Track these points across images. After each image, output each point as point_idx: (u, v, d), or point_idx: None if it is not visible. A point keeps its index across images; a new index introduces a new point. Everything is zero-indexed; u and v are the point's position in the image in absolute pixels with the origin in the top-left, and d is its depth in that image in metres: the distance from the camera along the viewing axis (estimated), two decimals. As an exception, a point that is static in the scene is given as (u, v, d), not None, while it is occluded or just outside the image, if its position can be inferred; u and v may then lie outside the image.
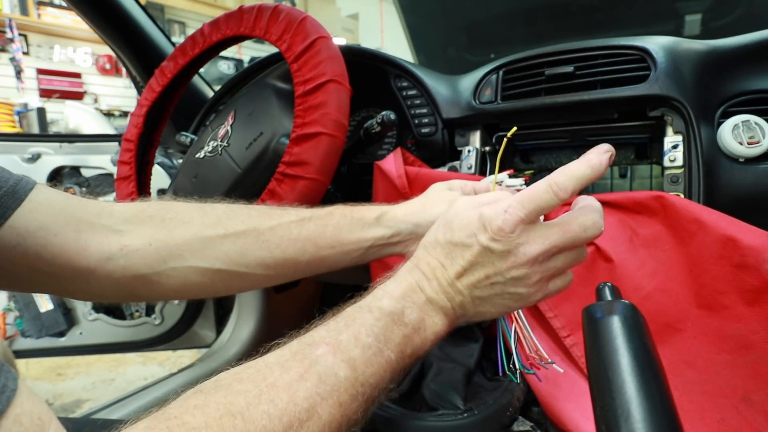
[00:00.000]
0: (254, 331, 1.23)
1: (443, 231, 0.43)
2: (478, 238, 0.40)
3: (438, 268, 0.42)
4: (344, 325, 0.37)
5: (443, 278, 0.41)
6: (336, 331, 0.37)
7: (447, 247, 0.42)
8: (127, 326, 1.27)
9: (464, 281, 0.41)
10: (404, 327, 0.39)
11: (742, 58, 0.67)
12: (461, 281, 0.41)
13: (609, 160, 0.40)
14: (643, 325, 0.35)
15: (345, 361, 0.35)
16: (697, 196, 0.61)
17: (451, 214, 0.43)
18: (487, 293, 0.42)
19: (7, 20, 3.52)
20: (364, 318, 0.38)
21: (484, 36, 1.70)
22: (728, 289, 0.48)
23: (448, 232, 0.42)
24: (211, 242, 0.51)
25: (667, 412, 0.30)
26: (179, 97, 0.93)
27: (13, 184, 0.44)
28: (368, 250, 0.55)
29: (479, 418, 0.55)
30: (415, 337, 0.39)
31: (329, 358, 0.35)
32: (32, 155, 1.20)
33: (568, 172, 0.40)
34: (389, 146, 0.92)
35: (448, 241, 0.42)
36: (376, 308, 0.39)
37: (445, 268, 0.41)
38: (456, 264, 0.41)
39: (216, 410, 0.31)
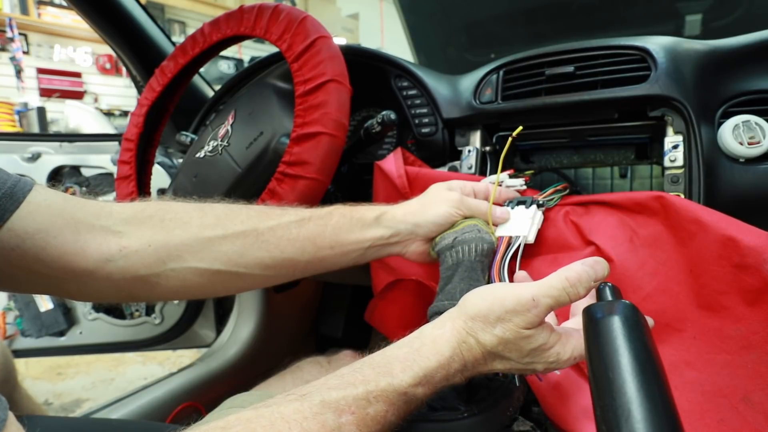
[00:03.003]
0: (254, 330, 1.23)
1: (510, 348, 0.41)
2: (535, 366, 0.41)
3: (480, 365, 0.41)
4: (374, 399, 0.36)
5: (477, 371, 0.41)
6: (365, 401, 0.35)
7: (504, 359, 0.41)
8: (127, 326, 1.27)
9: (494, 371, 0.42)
10: (421, 405, 0.40)
11: (743, 58, 0.67)
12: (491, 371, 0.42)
13: None
14: (643, 325, 0.35)
15: None
16: (697, 196, 0.61)
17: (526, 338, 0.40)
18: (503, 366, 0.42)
19: (7, 20, 3.52)
20: (397, 400, 0.37)
21: (484, 36, 1.70)
22: (728, 289, 0.48)
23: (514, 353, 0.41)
24: (210, 243, 0.50)
25: (668, 412, 0.30)
26: (179, 96, 0.93)
27: (11, 185, 0.43)
28: (367, 250, 0.55)
29: (479, 418, 0.55)
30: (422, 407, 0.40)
31: (353, 429, 0.34)
32: (32, 155, 1.20)
33: None
34: (389, 146, 0.92)
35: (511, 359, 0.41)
36: (412, 395, 0.38)
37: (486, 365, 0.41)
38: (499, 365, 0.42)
39: None
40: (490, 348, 0.40)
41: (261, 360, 1.23)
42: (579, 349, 0.42)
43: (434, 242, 0.56)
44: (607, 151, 0.77)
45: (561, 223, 0.61)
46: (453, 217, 0.56)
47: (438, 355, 0.39)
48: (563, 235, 0.60)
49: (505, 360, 0.41)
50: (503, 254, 0.54)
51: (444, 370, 0.39)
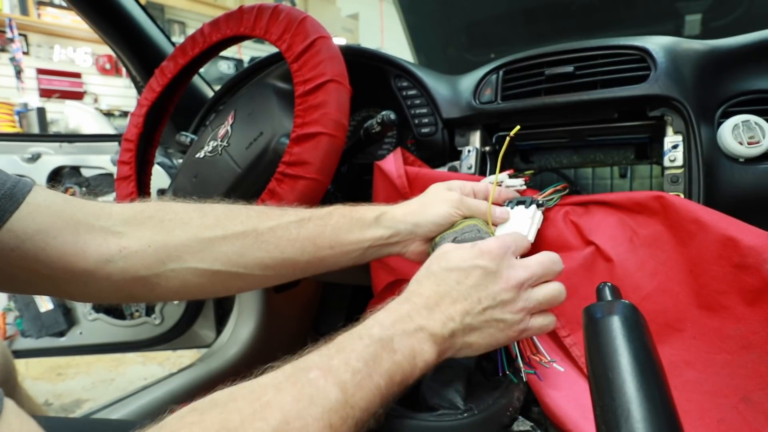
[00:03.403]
0: (254, 331, 1.23)
1: (437, 261, 0.46)
2: (474, 261, 0.44)
3: (431, 297, 0.43)
4: (336, 351, 0.39)
5: (436, 306, 0.43)
6: (328, 356, 0.38)
7: (441, 274, 0.45)
8: (127, 326, 1.27)
9: (457, 307, 0.43)
10: (393, 354, 0.40)
11: (742, 58, 0.67)
12: (454, 307, 0.43)
13: None
14: (643, 325, 0.35)
15: (336, 384, 0.36)
16: (697, 196, 0.61)
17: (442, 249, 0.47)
18: (477, 320, 0.44)
19: (7, 20, 3.52)
20: (355, 344, 0.39)
21: (484, 36, 1.70)
22: (728, 289, 0.48)
23: (442, 262, 0.45)
24: (210, 243, 0.50)
25: (667, 412, 0.30)
26: (179, 97, 0.93)
27: (10, 186, 0.43)
28: (367, 250, 0.55)
29: (479, 418, 0.55)
30: (405, 365, 0.40)
31: (321, 381, 0.36)
32: (32, 155, 1.20)
33: None
34: (389, 146, 0.92)
35: (443, 268, 0.45)
36: (366, 335, 0.40)
37: (439, 296, 0.44)
38: (451, 291, 0.44)
39: (212, 426, 0.32)
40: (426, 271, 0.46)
41: (261, 360, 1.22)
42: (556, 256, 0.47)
43: (434, 242, 0.56)
44: (606, 151, 0.78)
45: (561, 223, 0.61)
46: (453, 217, 0.56)
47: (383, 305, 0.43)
48: (563, 235, 0.60)
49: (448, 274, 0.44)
50: None
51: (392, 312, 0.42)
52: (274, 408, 0.34)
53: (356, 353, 0.38)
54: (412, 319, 0.42)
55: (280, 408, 0.34)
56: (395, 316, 0.42)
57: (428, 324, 0.42)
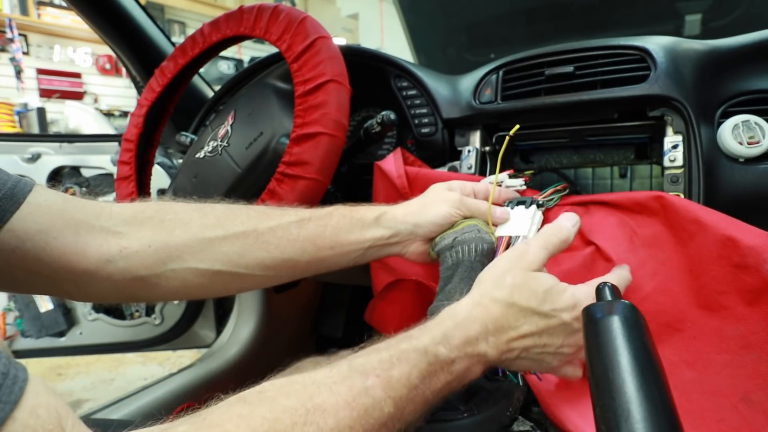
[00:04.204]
0: (254, 331, 1.23)
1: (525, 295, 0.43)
2: (562, 316, 0.44)
3: (504, 328, 0.43)
4: (397, 360, 0.38)
5: (505, 337, 0.43)
6: (389, 363, 0.37)
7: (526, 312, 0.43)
8: (127, 326, 1.27)
9: (523, 343, 0.43)
10: (449, 375, 0.40)
11: (742, 58, 0.67)
12: (521, 342, 0.43)
13: None
14: (643, 325, 0.35)
15: (392, 398, 0.36)
16: (697, 196, 0.61)
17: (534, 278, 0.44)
18: (533, 356, 0.45)
19: (7, 20, 3.52)
20: (418, 359, 0.38)
21: (484, 36, 1.70)
22: (728, 289, 0.48)
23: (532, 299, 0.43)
24: (210, 243, 0.50)
25: (667, 412, 0.30)
26: (179, 97, 0.93)
27: (11, 186, 0.43)
28: (367, 250, 0.55)
29: (479, 418, 0.55)
30: (455, 384, 0.41)
31: (378, 392, 0.35)
32: (32, 155, 1.20)
33: None
34: (389, 146, 0.92)
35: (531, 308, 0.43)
36: (432, 354, 0.39)
37: (512, 328, 0.43)
38: (525, 328, 0.43)
39: (261, 424, 0.31)
40: (505, 299, 0.43)
41: (261, 360, 1.23)
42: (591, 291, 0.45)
43: (434, 242, 0.56)
44: (606, 151, 0.78)
45: (561, 223, 0.61)
46: (453, 218, 0.56)
47: (453, 317, 0.42)
48: None
49: (528, 314, 0.43)
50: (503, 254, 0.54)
51: (461, 331, 0.41)
52: (328, 413, 0.33)
53: (418, 370, 0.38)
54: (479, 344, 0.42)
55: (333, 414, 0.33)
56: (463, 338, 0.41)
57: (489, 352, 0.42)
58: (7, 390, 0.25)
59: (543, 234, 0.48)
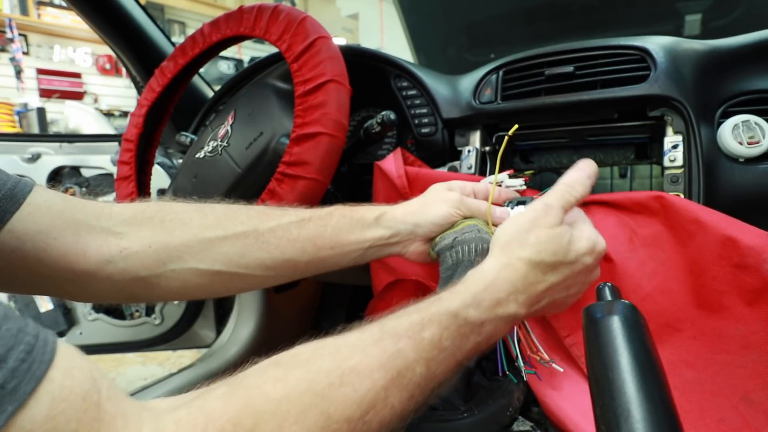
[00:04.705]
0: (254, 331, 1.23)
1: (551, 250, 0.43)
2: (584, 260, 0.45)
3: (533, 284, 0.43)
4: (428, 322, 0.38)
5: (534, 293, 0.43)
6: (420, 326, 0.38)
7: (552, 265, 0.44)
8: (127, 326, 1.27)
9: (551, 293, 0.45)
10: (479, 336, 0.41)
11: (742, 58, 0.67)
12: (548, 293, 0.44)
13: None
14: (643, 325, 0.35)
15: (424, 359, 0.37)
16: (697, 196, 0.61)
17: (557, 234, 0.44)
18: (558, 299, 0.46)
19: (7, 20, 3.52)
20: (448, 323, 0.39)
21: (484, 36, 1.70)
22: (728, 289, 0.48)
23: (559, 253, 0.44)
24: (210, 244, 0.50)
25: (667, 412, 0.30)
26: (179, 97, 0.93)
27: (11, 186, 0.43)
28: (367, 250, 0.55)
29: (479, 418, 0.55)
30: (483, 344, 0.42)
31: (410, 353, 0.36)
32: (32, 155, 1.20)
33: None
34: (389, 146, 0.92)
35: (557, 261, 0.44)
36: (463, 317, 0.40)
37: (540, 282, 0.44)
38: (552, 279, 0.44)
39: (297, 385, 0.32)
40: (531, 257, 0.43)
41: (261, 360, 1.23)
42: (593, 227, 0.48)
43: (434, 242, 0.56)
44: (606, 151, 0.78)
45: (561, 223, 0.61)
46: (453, 218, 0.56)
47: (482, 279, 0.42)
48: None
49: (555, 267, 0.44)
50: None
51: (491, 293, 0.41)
52: (363, 374, 0.34)
53: (449, 332, 0.38)
54: (508, 304, 0.42)
55: (368, 375, 0.34)
56: (493, 298, 0.41)
57: (519, 310, 0.42)
58: (40, 351, 0.25)
59: (560, 192, 0.47)
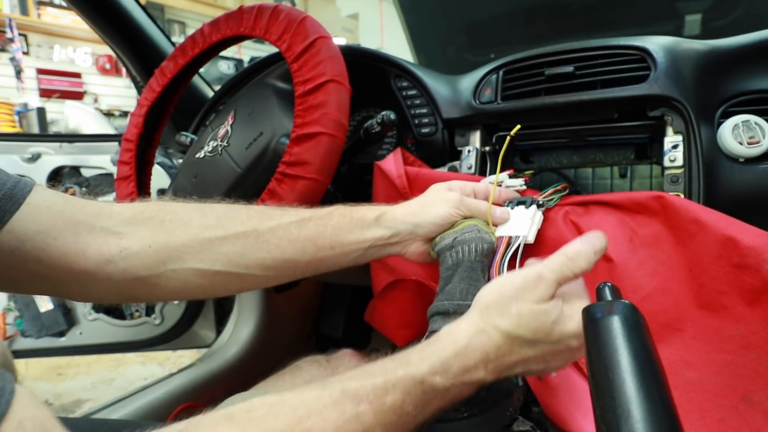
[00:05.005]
0: (254, 331, 1.23)
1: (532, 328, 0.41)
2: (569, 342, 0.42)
3: (506, 354, 0.41)
4: (392, 387, 0.37)
5: (506, 362, 0.42)
6: (383, 390, 0.37)
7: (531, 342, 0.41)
8: (127, 326, 1.27)
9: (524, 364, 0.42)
10: (442, 401, 0.40)
11: (742, 58, 0.67)
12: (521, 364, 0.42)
13: None
14: (643, 325, 0.35)
15: (382, 424, 0.36)
16: (697, 196, 0.61)
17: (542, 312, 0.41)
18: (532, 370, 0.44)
19: (7, 20, 3.52)
20: (413, 389, 0.38)
21: (484, 36, 1.70)
22: (728, 289, 0.48)
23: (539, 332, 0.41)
24: (210, 244, 0.50)
25: (667, 412, 0.30)
26: (179, 97, 0.93)
27: (11, 186, 0.43)
28: (368, 250, 0.55)
29: (479, 418, 0.55)
30: (446, 406, 0.41)
31: (369, 417, 0.35)
32: (32, 155, 1.20)
33: None
34: (389, 146, 0.92)
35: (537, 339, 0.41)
36: (429, 384, 0.38)
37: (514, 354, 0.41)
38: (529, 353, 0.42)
39: None
40: (510, 330, 0.40)
41: (261, 360, 1.23)
42: None
43: (434, 242, 0.56)
44: (606, 151, 0.78)
45: (561, 223, 0.61)
46: (453, 218, 0.56)
47: (454, 344, 0.40)
48: (563, 235, 0.60)
49: (533, 344, 0.41)
50: (503, 254, 0.54)
51: (461, 360, 0.40)
52: None
53: (412, 398, 0.38)
54: (477, 371, 0.40)
55: None
56: (462, 365, 0.40)
57: (487, 377, 0.41)
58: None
59: (558, 264, 0.43)
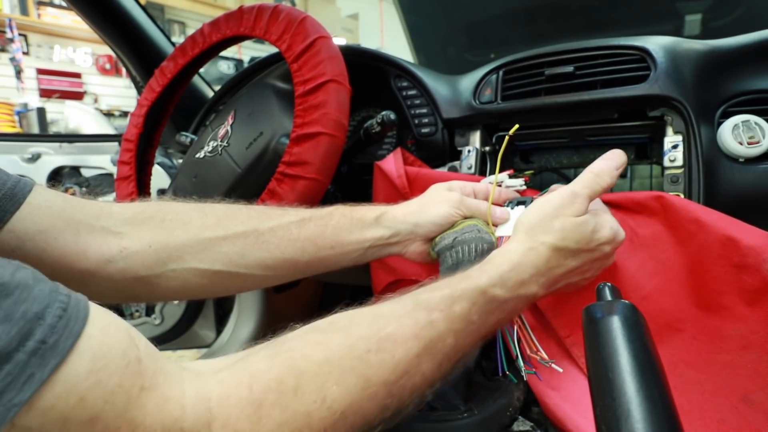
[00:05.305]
0: (254, 331, 1.23)
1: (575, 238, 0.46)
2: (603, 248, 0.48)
3: (554, 268, 0.46)
4: (458, 297, 0.41)
5: (553, 276, 0.46)
6: (450, 300, 0.40)
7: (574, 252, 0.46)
8: (127, 326, 1.27)
9: (569, 276, 0.48)
10: (502, 313, 0.44)
11: (742, 58, 0.67)
12: (566, 276, 0.47)
13: None
14: (643, 325, 0.35)
15: (454, 331, 0.39)
16: (697, 196, 0.61)
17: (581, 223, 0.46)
18: (574, 281, 0.49)
19: (7, 20, 3.52)
20: (477, 299, 0.41)
21: (484, 36, 1.70)
22: (728, 289, 0.48)
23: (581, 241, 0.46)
24: (210, 243, 0.50)
25: (667, 412, 0.30)
26: (179, 97, 0.93)
27: (11, 186, 0.43)
28: (368, 250, 0.55)
29: (479, 418, 0.55)
30: (505, 320, 0.46)
31: (441, 325, 0.38)
32: (32, 155, 1.20)
33: None
34: (389, 146, 0.92)
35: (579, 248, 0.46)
36: (490, 295, 0.42)
37: (561, 267, 0.46)
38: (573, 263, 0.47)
39: (338, 349, 0.34)
40: (555, 243, 0.45)
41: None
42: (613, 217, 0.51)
43: (434, 242, 0.56)
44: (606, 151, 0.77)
45: (561, 223, 0.61)
46: (453, 218, 0.56)
47: (508, 261, 0.44)
48: None
49: (576, 254, 0.46)
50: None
51: (516, 274, 0.44)
52: (398, 342, 0.36)
53: (477, 307, 0.41)
54: (531, 285, 0.44)
55: (402, 343, 0.36)
56: (518, 279, 0.44)
57: (539, 291, 0.45)
58: (74, 309, 0.26)
59: (587, 181, 0.48)
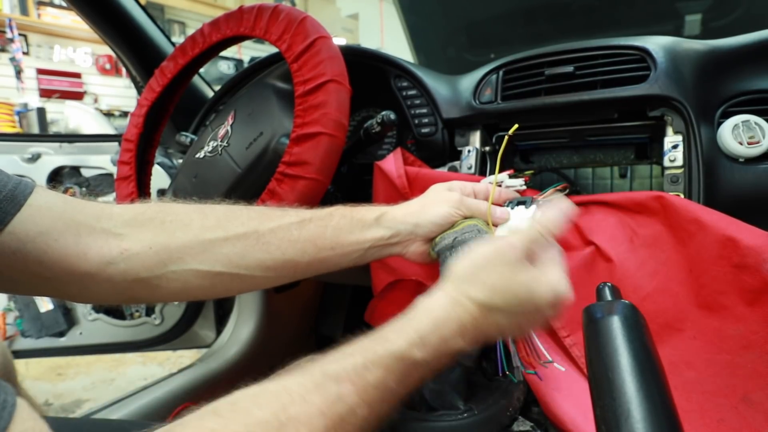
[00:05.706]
0: (254, 331, 1.23)
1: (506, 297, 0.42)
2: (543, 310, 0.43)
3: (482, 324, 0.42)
4: (372, 365, 0.37)
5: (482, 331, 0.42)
6: (363, 369, 0.37)
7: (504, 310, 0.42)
8: (127, 326, 1.27)
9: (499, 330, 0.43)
10: (424, 371, 0.40)
11: (742, 58, 0.67)
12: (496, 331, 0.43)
13: None
14: (643, 325, 0.35)
15: (366, 402, 0.36)
16: (697, 196, 0.61)
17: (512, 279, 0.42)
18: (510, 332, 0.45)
19: (7, 20, 3.52)
20: (393, 365, 0.38)
21: (484, 36, 1.70)
22: (728, 289, 0.48)
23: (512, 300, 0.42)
24: (211, 245, 0.50)
25: (667, 412, 0.30)
26: (179, 97, 0.93)
27: (12, 187, 0.43)
28: (368, 250, 0.55)
29: (479, 418, 0.55)
30: (428, 377, 0.41)
31: (352, 398, 0.35)
32: (32, 155, 1.20)
33: None
34: (389, 146, 0.92)
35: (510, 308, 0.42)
36: (408, 358, 0.39)
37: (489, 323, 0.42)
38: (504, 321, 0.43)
39: None
40: (483, 300, 0.41)
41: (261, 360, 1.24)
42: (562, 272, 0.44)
43: (434, 242, 0.56)
44: (606, 151, 0.78)
45: (561, 223, 0.61)
46: (453, 218, 0.56)
47: (430, 317, 0.41)
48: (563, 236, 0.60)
49: (506, 312, 0.42)
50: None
51: (438, 332, 0.40)
52: (302, 423, 0.32)
53: (393, 375, 0.38)
54: (455, 341, 0.41)
55: (307, 424, 0.33)
56: (440, 337, 0.40)
57: (465, 346, 0.41)
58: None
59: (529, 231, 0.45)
